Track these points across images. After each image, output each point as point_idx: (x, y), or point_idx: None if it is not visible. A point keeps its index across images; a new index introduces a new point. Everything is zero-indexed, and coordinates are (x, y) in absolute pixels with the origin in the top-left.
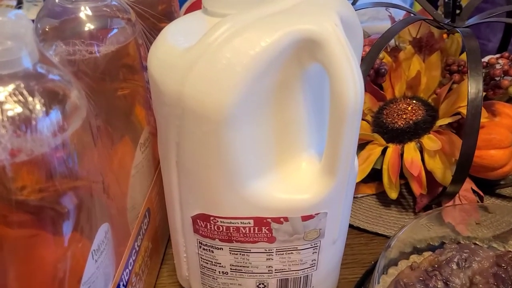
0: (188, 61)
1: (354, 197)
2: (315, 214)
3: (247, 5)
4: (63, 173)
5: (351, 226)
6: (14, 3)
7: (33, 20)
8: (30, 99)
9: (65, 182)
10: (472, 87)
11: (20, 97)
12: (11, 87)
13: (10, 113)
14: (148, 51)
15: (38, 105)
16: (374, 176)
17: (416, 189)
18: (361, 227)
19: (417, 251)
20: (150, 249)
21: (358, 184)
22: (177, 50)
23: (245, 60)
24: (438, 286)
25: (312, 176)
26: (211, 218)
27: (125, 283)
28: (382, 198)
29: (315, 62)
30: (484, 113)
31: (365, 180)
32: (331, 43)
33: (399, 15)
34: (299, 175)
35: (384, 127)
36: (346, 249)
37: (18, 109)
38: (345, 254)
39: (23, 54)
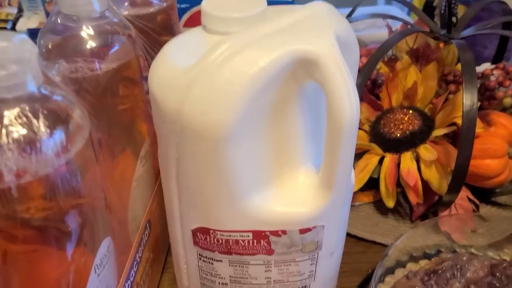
0: (187, 81)
1: (351, 205)
2: (313, 227)
3: (246, 23)
4: (66, 192)
5: (348, 234)
6: (15, 11)
7: (32, 29)
8: (34, 121)
9: (68, 201)
10: (467, 99)
11: (25, 120)
12: (16, 110)
13: (15, 136)
14: (148, 65)
15: (42, 127)
16: (371, 184)
17: (413, 198)
18: (359, 235)
19: (414, 259)
20: (151, 259)
21: (355, 192)
22: (177, 69)
23: (243, 80)
24: None
25: (309, 190)
26: (211, 231)
27: None
28: (379, 206)
29: (312, 80)
30: (479, 123)
31: (363, 188)
32: (327, 63)
33: (397, 23)
34: (297, 189)
35: (381, 137)
36: (344, 257)
37: (23, 131)
38: (343, 263)
39: (28, 78)
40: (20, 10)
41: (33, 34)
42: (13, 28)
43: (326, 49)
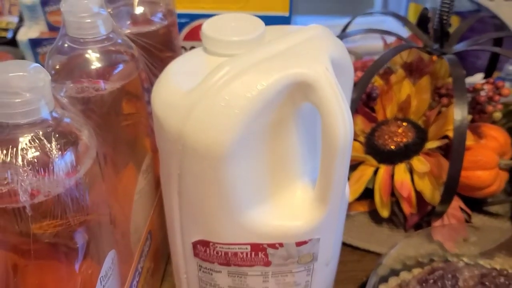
0: (189, 103)
1: (347, 214)
2: (309, 239)
3: (245, 46)
4: (75, 210)
5: (344, 243)
6: (16, 19)
7: (33, 39)
8: (47, 144)
9: (77, 218)
10: (458, 115)
11: (38, 143)
12: (30, 134)
13: (30, 158)
14: (150, 82)
15: (54, 150)
16: (367, 193)
17: (406, 208)
18: (354, 244)
19: (407, 267)
20: (151, 268)
21: (351, 202)
22: (179, 91)
23: (242, 102)
24: None
25: (306, 204)
26: (211, 243)
27: None
28: (374, 215)
29: (308, 102)
30: (470, 135)
31: (358, 198)
32: (322, 86)
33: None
34: (293, 203)
35: (376, 149)
36: (339, 265)
37: (37, 154)
38: (338, 271)
39: (41, 105)
40: (21, 20)
41: (34, 43)
42: (13, 37)
43: (321, 73)
